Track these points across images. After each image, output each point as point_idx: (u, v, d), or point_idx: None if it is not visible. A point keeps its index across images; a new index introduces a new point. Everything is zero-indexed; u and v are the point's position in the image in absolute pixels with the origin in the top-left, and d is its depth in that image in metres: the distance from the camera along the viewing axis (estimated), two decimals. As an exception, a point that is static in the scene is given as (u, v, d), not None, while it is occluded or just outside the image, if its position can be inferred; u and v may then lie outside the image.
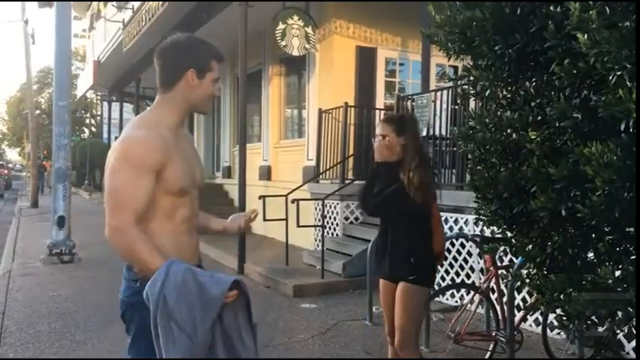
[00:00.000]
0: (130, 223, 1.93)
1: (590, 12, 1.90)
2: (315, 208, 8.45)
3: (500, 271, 4.27)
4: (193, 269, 1.98)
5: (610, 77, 1.87)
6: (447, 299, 6.10)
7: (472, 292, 4.46)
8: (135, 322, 2.07)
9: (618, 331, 2.48)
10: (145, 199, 1.97)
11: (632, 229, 2.16)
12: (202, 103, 2.17)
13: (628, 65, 1.82)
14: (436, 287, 5.22)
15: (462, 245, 6.14)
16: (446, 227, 6.11)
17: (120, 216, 1.94)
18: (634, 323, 2.23)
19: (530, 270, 2.69)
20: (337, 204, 8.41)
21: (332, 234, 8.54)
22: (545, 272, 2.55)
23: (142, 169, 1.96)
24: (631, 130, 1.88)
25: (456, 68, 8.46)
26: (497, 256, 4.42)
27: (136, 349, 2.07)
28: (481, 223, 2.94)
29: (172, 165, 2.02)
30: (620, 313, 2.30)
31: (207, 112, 2.31)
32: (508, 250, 2.96)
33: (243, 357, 2.03)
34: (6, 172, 35.68)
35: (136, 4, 13.19)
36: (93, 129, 36.94)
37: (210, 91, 2.16)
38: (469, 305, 4.35)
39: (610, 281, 2.12)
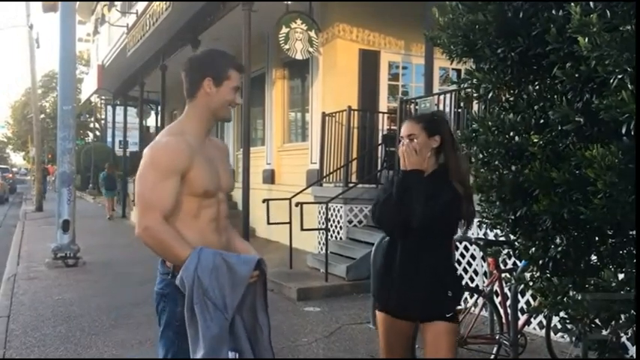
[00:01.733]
0: (158, 221, 2.10)
1: (591, 15, 1.91)
2: (319, 212, 8.44)
3: (503, 274, 4.27)
4: (222, 252, 2.17)
5: (611, 80, 1.88)
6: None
7: (476, 296, 4.46)
8: (166, 312, 2.22)
9: (622, 335, 2.48)
10: (171, 200, 2.14)
11: (634, 232, 2.16)
12: (222, 110, 2.30)
13: (629, 68, 1.83)
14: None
15: (466, 248, 6.14)
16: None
17: (149, 216, 2.11)
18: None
19: (534, 273, 2.69)
20: (341, 207, 8.42)
21: (336, 237, 8.54)
22: (549, 275, 2.55)
23: (166, 171, 2.14)
24: (632, 133, 1.89)
25: (458, 71, 8.46)
26: (500, 259, 4.40)
27: (166, 337, 2.22)
28: (484, 226, 2.94)
29: (196, 168, 2.18)
30: (623, 317, 2.30)
31: (229, 120, 2.43)
32: (511, 253, 2.96)
33: (260, 333, 2.26)
34: (10, 175, 35.74)
35: (140, 8, 13.24)
36: (97, 133, 37.04)
37: (228, 98, 2.28)
38: (473, 308, 4.34)
39: (613, 284, 2.13)
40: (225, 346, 2.10)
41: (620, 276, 2.21)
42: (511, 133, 2.53)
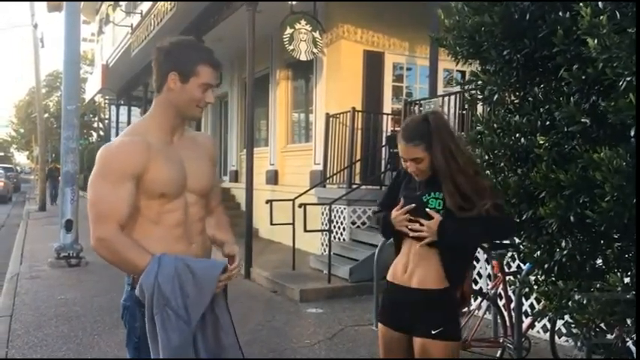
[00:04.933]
0: (115, 232, 1.93)
1: (601, 17, 1.89)
2: (322, 213, 8.44)
3: (508, 277, 4.25)
4: (184, 258, 1.98)
5: (620, 83, 1.86)
6: (454, 305, 6.06)
7: (480, 298, 4.44)
8: (127, 326, 2.11)
9: (627, 339, 2.46)
10: (126, 208, 1.95)
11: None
12: (187, 109, 2.07)
13: (638, 71, 1.81)
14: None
15: (470, 250, 6.11)
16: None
17: (103, 227, 1.93)
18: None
19: (539, 276, 2.67)
20: (344, 208, 8.40)
21: (339, 239, 8.52)
22: (554, 279, 2.53)
23: (119, 177, 1.95)
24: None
25: (463, 73, 8.45)
26: (505, 262, 4.39)
27: (128, 351, 2.12)
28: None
29: (153, 169, 1.98)
30: (629, 321, 2.28)
31: (196, 119, 2.18)
32: (516, 256, 2.95)
33: (223, 335, 2.07)
34: (14, 175, 35.79)
35: (145, 8, 13.25)
36: (101, 132, 37.02)
37: (195, 97, 2.04)
38: (476, 311, 4.33)
39: (619, 288, 2.11)
40: (187, 358, 1.94)
41: (626, 280, 2.19)
42: (517, 135, 2.52)
